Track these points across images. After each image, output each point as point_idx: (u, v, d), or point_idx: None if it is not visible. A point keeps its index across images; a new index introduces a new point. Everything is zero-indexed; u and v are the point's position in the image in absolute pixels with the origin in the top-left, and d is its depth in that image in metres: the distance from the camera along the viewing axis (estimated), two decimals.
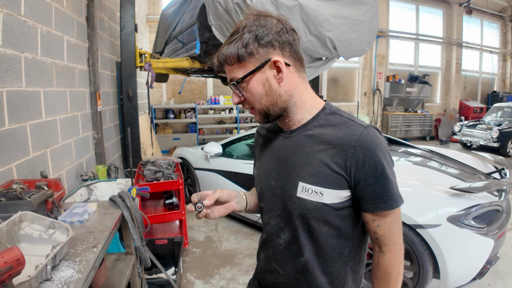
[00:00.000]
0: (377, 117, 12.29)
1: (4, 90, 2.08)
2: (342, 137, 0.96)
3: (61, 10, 2.98)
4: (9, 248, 1.08)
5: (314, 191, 0.98)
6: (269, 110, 1.02)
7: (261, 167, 1.19)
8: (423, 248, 2.63)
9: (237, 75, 0.99)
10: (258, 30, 0.95)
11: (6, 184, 2.00)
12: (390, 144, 4.14)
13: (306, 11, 3.15)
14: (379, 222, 0.98)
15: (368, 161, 0.93)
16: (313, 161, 0.99)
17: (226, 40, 0.99)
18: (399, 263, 1.01)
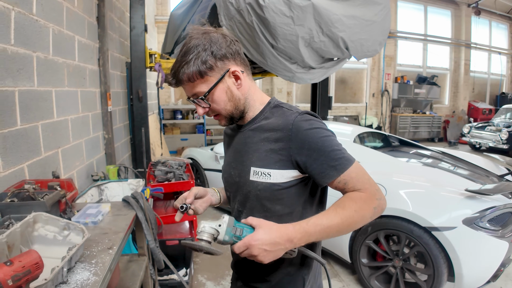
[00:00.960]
0: (386, 118, 12.19)
1: (16, 89, 2.06)
2: (281, 123, 1.10)
3: (72, 9, 2.96)
4: (27, 252, 1.05)
5: (263, 173, 1.10)
6: (233, 114, 1.16)
7: (225, 160, 1.34)
8: (438, 250, 2.60)
9: (201, 90, 1.09)
10: (212, 47, 1.06)
11: (18, 184, 1.98)
12: (402, 146, 4.09)
13: (319, 11, 3.11)
14: (343, 181, 1.04)
15: (305, 140, 1.05)
16: (260, 147, 1.13)
17: (180, 60, 1.07)
18: (367, 200, 1.03)
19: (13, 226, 1.42)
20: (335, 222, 0.99)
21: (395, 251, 2.87)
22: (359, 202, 1.02)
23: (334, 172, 1.04)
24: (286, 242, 0.96)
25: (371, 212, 1.03)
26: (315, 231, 0.98)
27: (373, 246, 2.93)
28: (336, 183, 1.05)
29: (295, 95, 11.38)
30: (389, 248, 2.88)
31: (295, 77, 3.61)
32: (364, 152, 3.40)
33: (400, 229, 2.74)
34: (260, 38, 3.24)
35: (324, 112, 5.96)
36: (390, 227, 2.80)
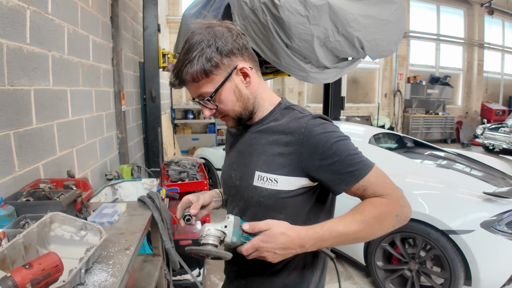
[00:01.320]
0: (398, 118, 12.05)
1: (31, 88, 2.06)
2: (293, 126, 1.01)
3: (86, 9, 2.96)
4: (47, 254, 1.03)
5: (269, 179, 1.01)
6: (241, 115, 1.07)
7: (226, 161, 1.25)
8: (455, 254, 2.56)
9: (207, 90, 1.00)
10: (217, 42, 0.96)
11: (33, 184, 1.97)
12: (416, 147, 4.02)
13: (334, 10, 3.06)
14: (362, 188, 0.96)
15: (318, 145, 0.96)
16: (267, 150, 1.04)
17: (183, 58, 0.98)
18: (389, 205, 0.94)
19: (30, 226, 1.41)
20: (352, 230, 0.92)
21: (411, 254, 2.82)
22: (380, 209, 0.93)
23: (352, 178, 0.95)
24: (297, 247, 0.92)
25: (393, 220, 0.94)
26: (330, 237, 0.92)
27: (389, 248, 2.88)
28: (355, 190, 0.97)
29: (306, 95, 11.32)
30: (405, 251, 2.83)
31: (309, 77, 3.56)
32: (379, 153, 3.34)
33: (417, 232, 2.68)
34: (275, 38, 3.20)
35: (336, 113, 5.90)
36: (406, 229, 2.74)
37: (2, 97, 1.75)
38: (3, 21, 1.71)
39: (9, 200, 1.71)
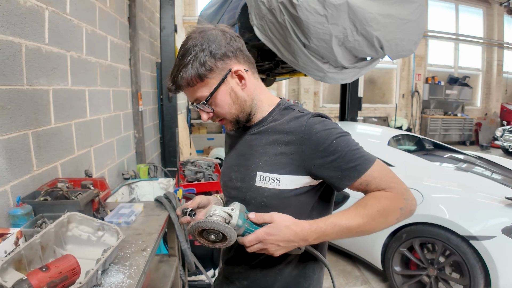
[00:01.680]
0: (415, 120, 11.81)
1: (50, 88, 2.07)
2: (293, 125, 1.02)
3: (104, 10, 2.98)
4: (64, 256, 1.01)
5: (271, 179, 1.01)
6: (238, 117, 1.07)
7: (225, 163, 1.25)
8: (476, 260, 2.49)
9: (202, 94, 1.00)
10: (210, 46, 0.97)
11: (51, 183, 1.98)
12: (435, 149, 3.91)
13: (353, 9, 3.00)
14: (365, 183, 0.96)
15: (319, 142, 0.96)
16: (268, 151, 1.05)
17: (178, 63, 0.99)
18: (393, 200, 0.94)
19: (47, 226, 1.40)
20: (355, 223, 0.92)
21: (430, 260, 2.74)
22: (384, 202, 0.93)
23: (355, 173, 0.95)
24: (300, 240, 0.93)
25: (397, 213, 0.94)
26: (333, 231, 0.93)
27: (407, 253, 2.80)
28: (357, 185, 0.97)
29: (322, 96, 11.21)
30: (423, 257, 2.75)
31: (327, 77, 3.51)
32: (398, 156, 3.26)
33: (437, 237, 2.61)
34: (292, 38, 3.16)
35: (353, 113, 5.81)
36: (426, 234, 2.67)
37: (21, 97, 1.76)
38: (21, 21, 1.72)
39: (27, 199, 1.72)
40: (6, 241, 1.41)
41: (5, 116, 1.63)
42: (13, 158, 1.70)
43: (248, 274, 1.16)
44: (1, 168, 1.60)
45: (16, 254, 1.17)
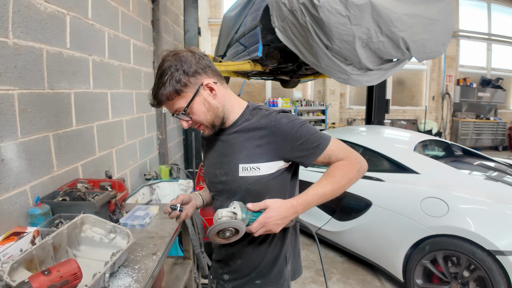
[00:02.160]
0: (446, 123, 11.34)
1: (72, 91, 2.13)
2: (263, 122, 1.22)
3: (127, 14, 3.04)
4: (67, 261, 1.02)
5: (252, 168, 1.21)
6: (214, 122, 1.23)
7: (207, 163, 1.40)
8: (501, 276, 2.32)
9: (180, 105, 1.17)
10: (183, 66, 1.14)
11: (71, 183, 2.03)
12: (464, 156, 3.71)
13: (377, 9, 2.90)
14: (327, 156, 1.21)
15: (287, 132, 1.19)
16: (246, 146, 1.23)
17: (158, 83, 1.15)
18: (350, 166, 1.21)
19: (60, 227, 1.43)
20: (328, 189, 1.17)
21: (454, 274, 2.59)
22: (344, 168, 1.20)
23: (318, 150, 1.20)
24: (292, 214, 1.15)
25: (355, 174, 1.20)
26: (313, 200, 1.17)
27: (430, 266, 2.66)
28: (322, 159, 1.22)
29: (348, 97, 10.98)
30: (447, 270, 2.60)
31: (351, 79, 3.42)
32: (424, 163, 3.11)
33: (461, 250, 2.46)
34: (314, 39, 3.10)
35: (380, 116, 5.64)
36: (450, 247, 2.53)
37: (42, 100, 1.82)
38: (42, 26, 1.78)
39: (46, 199, 1.77)
40: (23, 239, 1.45)
41: (26, 119, 1.69)
42: (34, 159, 1.75)
43: (241, 254, 1.33)
44: (21, 169, 1.66)
45: (27, 254, 1.20)
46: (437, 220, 2.57)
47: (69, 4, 2.05)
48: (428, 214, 2.63)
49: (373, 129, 4.54)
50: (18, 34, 1.61)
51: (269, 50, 4.20)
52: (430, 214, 2.61)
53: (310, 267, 3.37)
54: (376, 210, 3.02)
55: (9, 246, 1.37)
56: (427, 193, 2.71)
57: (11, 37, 1.56)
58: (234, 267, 1.37)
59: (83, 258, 1.52)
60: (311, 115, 10.10)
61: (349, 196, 3.26)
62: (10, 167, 1.57)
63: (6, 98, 1.55)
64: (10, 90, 1.57)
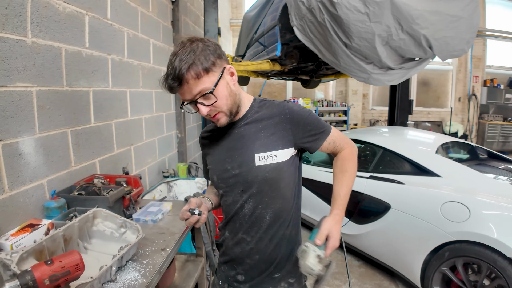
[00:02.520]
0: (472, 126, 10.90)
1: (90, 89, 2.19)
2: (276, 111, 1.26)
3: (147, 14, 3.09)
4: (69, 252, 1.05)
5: (269, 156, 1.22)
6: (232, 109, 1.21)
7: (214, 160, 1.36)
8: None
9: (206, 86, 1.11)
10: (209, 47, 1.12)
11: (88, 178, 2.09)
12: (489, 159, 3.55)
13: (397, 6, 2.82)
14: (332, 142, 1.31)
15: (299, 119, 1.24)
16: (260, 135, 1.24)
17: (185, 59, 1.08)
18: (354, 154, 1.35)
19: (72, 220, 1.47)
20: (350, 184, 1.29)
21: (473, 282, 2.48)
22: (351, 158, 1.33)
23: (324, 135, 1.28)
24: (340, 220, 1.24)
25: (356, 160, 1.34)
26: (346, 199, 1.27)
27: (449, 273, 2.56)
28: (327, 145, 1.30)
29: (371, 98, 10.76)
30: (466, 278, 2.49)
31: (371, 78, 3.34)
32: (447, 165, 3.00)
33: (482, 257, 2.35)
34: (333, 37, 3.05)
35: (403, 117, 5.49)
36: (471, 254, 2.42)
37: (60, 98, 1.87)
38: (60, 26, 1.84)
39: (63, 193, 1.83)
40: (37, 231, 1.51)
41: (44, 115, 1.75)
42: (51, 154, 1.81)
43: (260, 248, 1.30)
44: (39, 163, 1.71)
45: (37, 245, 1.24)
46: (458, 225, 2.47)
47: (88, 5, 2.11)
48: (448, 219, 2.53)
49: (394, 130, 4.44)
50: (37, 33, 1.66)
51: (288, 50, 4.18)
52: (451, 219, 2.52)
53: None
54: (395, 214, 2.94)
55: (23, 237, 1.43)
56: (448, 197, 2.61)
57: (30, 36, 1.62)
58: (251, 264, 1.32)
59: (93, 251, 1.56)
60: (332, 116, 9.97)
61: (368, 198, 3.20)
62: (27, 161, 1.63)
63: (24, 94, 1.61)
64: (29, 87, 1.63)
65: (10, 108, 1.53)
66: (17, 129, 1.58)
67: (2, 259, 1.08)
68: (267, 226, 1.27)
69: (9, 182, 1.53)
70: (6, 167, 1.51)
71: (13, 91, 1.55)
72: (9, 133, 1.53)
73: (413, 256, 2.75)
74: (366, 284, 3.10)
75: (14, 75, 1.55)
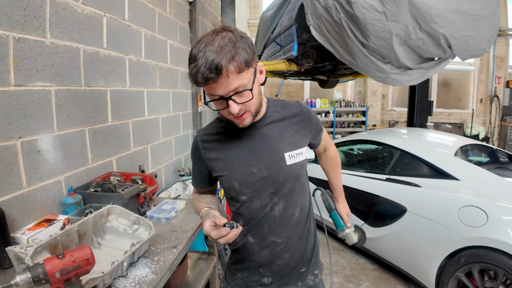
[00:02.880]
0: (494, 128, 10.53)
1: (108, 89, 2.24)
2: (295, 110, 1.29)
3: (164, 15, 3.14)
4: (81, 247, 1.08)
5: (298, 154, 1.23)
6: (257, 109, 1.14)
7: (229, 165, 1.22)
8: None
9: (243, 82, 1.01)
10: (247, 40, 1.02)
11: (105, 176, 2.14)
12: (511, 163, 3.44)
13: (415, 4, 2.77)
14: (323, 139, 1.47)
15: (313, 118, 1.32)
16: (285, 134, 1.23)
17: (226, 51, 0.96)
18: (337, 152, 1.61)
19: (87, 216, 1.52)
20: (341, 178, 1.66)
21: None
22: (337, 155, 1.60)
23: (321, 134, 1.43)
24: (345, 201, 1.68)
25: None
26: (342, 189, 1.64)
27: (464, 280, 2.49)
28: (322, 141, 1.46)
29: (391, 98, 10.57)
30: (482, 285, 2.41)
31: (389, 78, 3.29)
32: (465, 168, 2.92)
33: (499, 264, 2.28)
34: (349, 37, 3.03)
35: (423, 118, 5.39)
36: (487, 260, 2.35)
37: (78, 97, 1.93)
38: (79, 27, 1.89)
39: (79, 189, 1.88)
40: (53, 226, 1.56)
41: (62, 114, 1.80)
42: (69, 151, 1.87)
43: (290, 246, 1.28)
44: (56, 160, 1.77)
45: (52, 239, 1.28)
46: (475, 230, 2.40)
47: (106, 6, 2.16)
48: (465, 224, 2.47)
49: (412, 131, 4.35)
50: (56, 34, 1.72)
51: (305, 49, 4.16)
52: (468, 223, 2.45)
53: (340, 272, 3.29)
54: (411, 217, 2.89)
55: (40, 231, 1.48)
56: (466, 201, 2.55)
57: (49, 37, 1.67)
58: (281, 265, 1.28)
59: (107, 246, 1.60)
60: (350, 116, 9.85)
61: (384, 201, 3.15)
62: (45, 158, 1.68)
63: (43, 93, 1.66)
64: (48, 86, 1.68)
65: (29, 107, 1.59)
66: (36, 127, 1.63)
67: (17, 252, 1.12)
68: (295, 224, 1.27)
69: (27, 178, 1.59)
70: (24, 164, 1.56)
71: (32, 90, 1.60)
72: (28, 131, 1.59)
73: (429, 261, 2.70)
74: None
75: (33, 75, 1.61)
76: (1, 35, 1.42)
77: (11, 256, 1.16)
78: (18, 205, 1.54)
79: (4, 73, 1.45)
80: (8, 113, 1.47)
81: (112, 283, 1.28)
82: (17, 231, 1.48)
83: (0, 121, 1.43)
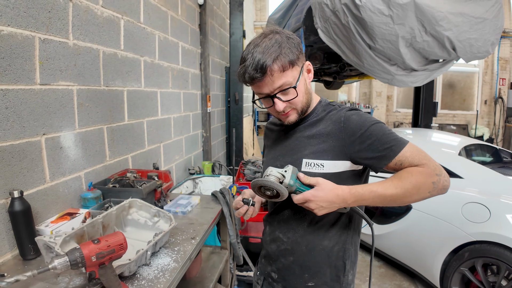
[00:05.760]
0: (498, 129, 10.55)
1: (125, 89, 2.33)
2: (333, 118, 1.16)
3: (176, 18, 3.23)
4: (115, 233, 1.15)
5: (316, 164, 1.13)
6: (304, 108, 1.17)
7: (269, 153, 1.35)
8: None
9: (288, 80, 1.08)
10: (293, 41, 1.09)
11: (121, 172, 2.22)
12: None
13: (421, 8, 2.85)
14: (400, 162, 1.06)
15: (356, 130, 1.09)
16: (312, 141, 1.17)
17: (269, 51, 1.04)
18: (427, 174, 1.02)
19: (110, 209, 1.60)
20: (389, 192, 1.02)
21: (492, 283, 2.47)
22: (416, 176, 1.02)
23: (390, 153, 1.05)
24: (341, 202, 1.04)
25: (430, 186, 1.02)
26: (369, 197, 1.04)
27: (468, 274, 2.56)
28: (393, 165, 1.07)
29: (396, 99, 10.63)
30: (485, 279, 2.48)
31: (395, 79, 3.37)
32: (469, 167, 2.99)
33: (501, 258, 2.35)
34: (357, 39, 3.11)
35: (427, 119, 5.45)
36: (490, 255, 2.42)
37: (98, 96, 2.02)
38: (99, 29, 1.98)
39: (98, 185, 1.96)
40: (75, 219, 1.64)
41: (83, 112, 1.89)
42: (89, 148, 1.95)
43: (295, 251, 1.24)
44: (77, 157, 1.85)
45: (79, 230, 1.36)
46: (479, 226, 2.47)
47: (123, 9, 2.25)
48: (469, 220, 2.54)
49: (417, 132, 4.42)
50: (78, 36, 1.81)
51: (312, 51, 4.24)
52: (472, 219, 2.53)
53: None
54: (416, 214, 2.96)
55: (62, 224, 1.56)
56: (469, 198, 2.62)
57: (71, 38, 1.76)
58: (285, 264, 1.28)
59: (128, 238, 1.65)
60: None
61: None
62: (67, 154, 1.77)
63: (66, 92, 1.75)
64: (70, 85, 1.77)
65: (53, 105, 1.67)
66: (59, 124, 1.71)
67: (46, 241, 1.19)
68: (303, 232, 1.22)
69: (50, 173, 1.66)
70: (48, 159, 1.64)
71: (56, 89, 1.69)
72: (52, 128, 1.67)
73: (433, 257, 2.77)
74: (386, 284, 3.12)
75: (57, 74, 1.69)
76: (28, 36, 1.49)
77: (40, 246, 1.22)
78: (42, 199, 1.62)
79: (31, 72, 1.52)
80: (33, 110, 1.55)
81: (136, 270, 1.35)
82: (40, 223, 1.55)
83: (26, 118, 1.50)
